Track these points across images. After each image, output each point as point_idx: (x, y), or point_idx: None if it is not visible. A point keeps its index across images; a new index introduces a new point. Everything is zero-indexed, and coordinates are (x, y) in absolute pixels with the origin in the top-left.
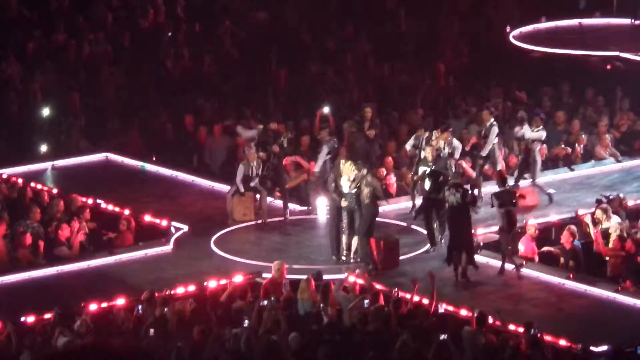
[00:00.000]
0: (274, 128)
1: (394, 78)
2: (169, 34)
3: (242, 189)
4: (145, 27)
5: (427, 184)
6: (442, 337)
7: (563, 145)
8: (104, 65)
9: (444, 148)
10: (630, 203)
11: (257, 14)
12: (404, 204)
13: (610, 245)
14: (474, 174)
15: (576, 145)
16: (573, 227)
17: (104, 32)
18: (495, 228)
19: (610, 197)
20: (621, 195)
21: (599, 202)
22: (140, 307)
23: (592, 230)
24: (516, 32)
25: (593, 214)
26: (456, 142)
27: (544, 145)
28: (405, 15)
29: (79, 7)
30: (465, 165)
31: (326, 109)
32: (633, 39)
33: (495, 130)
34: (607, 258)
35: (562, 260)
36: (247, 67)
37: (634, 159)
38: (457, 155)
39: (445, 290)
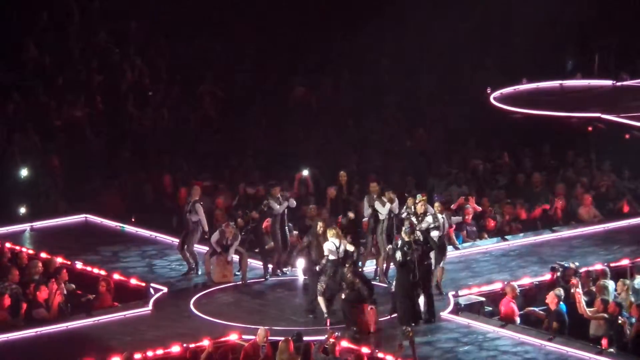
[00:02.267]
0: (252, 193)
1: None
2: (150, 93)
3: (217, 249)
4: (125, 88)
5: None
6: None
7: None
8: (83, 126)
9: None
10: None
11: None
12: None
13: (593, 307)
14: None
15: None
16: (559, 290)
17: (84, 93)
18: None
19: (565, 265)
20: (576, 263)
21: (553, 269)
22: None
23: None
24: (497, 93)
25: (580, 276)
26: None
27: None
28: (386, 69)
29: (58, 68)
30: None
31: (305, 172)
32: (614, 101)
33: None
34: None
35: (546, 322)
36: (226, 128)
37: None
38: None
39: (426, 352)
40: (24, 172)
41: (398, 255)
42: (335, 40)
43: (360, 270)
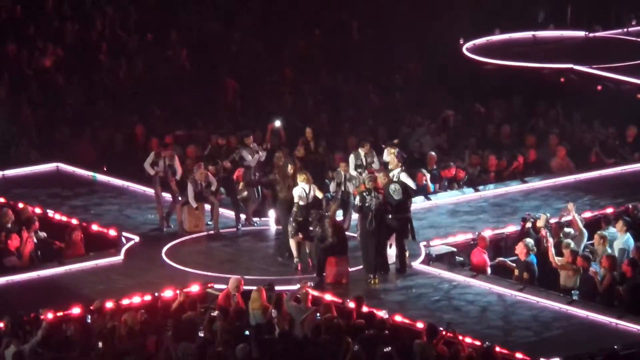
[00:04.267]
0: (223, 143)
1: (346, 90)
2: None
3: (194, 204)
4: (97, 37)
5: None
6: (387, 349)
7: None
8: (55, 75)
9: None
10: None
11: (210, 24)
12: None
13: (563, 258)
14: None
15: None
16: (529, 240)
17: (55, 42)
18: (449, 240)
19: (536, 215)
20: (547, 214)
21: (524, 220)
22: (89, 317)
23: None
24: (470, 44)
25: (550, 225)
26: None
27: None
28: (357, 27)
29: (30, 17)
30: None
31: (277, 123)
32: (586, 52)
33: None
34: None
35: (516, 272)
36: (198, 78)
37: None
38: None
39: (395, 301)
40: None
41: (356, 200)
42: None
43: (338, 220)
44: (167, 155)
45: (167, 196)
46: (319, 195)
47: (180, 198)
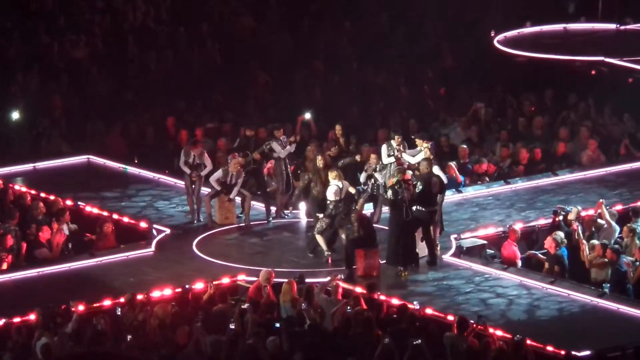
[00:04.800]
0: (251, 134)
1: (376, 82)
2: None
3: (216, 187)
4: (129, 29)
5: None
6: (416, 341)
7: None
8: (86, 67)
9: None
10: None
11: (241, 18)
12: None
13: (594, 253)
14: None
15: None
16: (558, 233)
17: (86, 33)
18: (480, 233)
19: (568, 208)
20: (579, 207)
21: (555, 213)
22: (120, 310)
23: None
24: (501, 36)
25: (582, 218)
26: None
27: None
28: (388, 18)
29: (61, 8)
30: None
31: (307, 115)
32: (618, 44)
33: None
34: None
35: (546, 265)
36: (229, 71)
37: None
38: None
39: (425, 294)
40: (15, 115)
41: (389, 193)
42: None
43: (365, 214)
44: (197, 153)
45: (204, 190)
46: (352, 191)
47: (200, 191)
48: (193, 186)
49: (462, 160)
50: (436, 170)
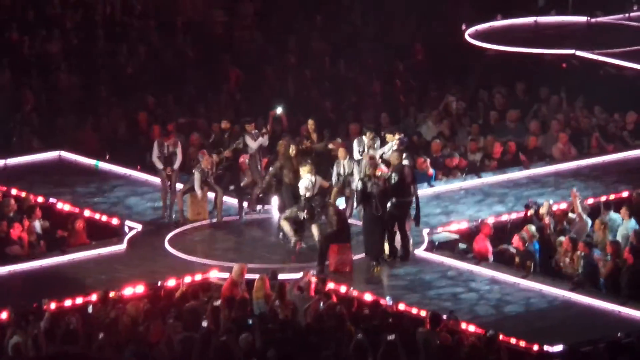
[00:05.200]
0: (225, 127)
1: (349, 77)
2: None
3: (200, 194)
4: (100, 24)
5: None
6: (390, 337)
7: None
8: (57, 62)
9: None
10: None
11: (213, 12)
12: None
13: (562, 247)
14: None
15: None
16: (530, 228)
17: (58, 28)
18: (452, 227)
19: (539, 202)
20: (550, 201)
21: (527, 207)
22: (91, 307)
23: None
24: (472, 30)
25: (553, 212)
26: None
27: None
28: (359, 12)
29: (32, 3)
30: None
31: (279, 110)
32: (589, 37)
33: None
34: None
35: (517, 260)
36: (201, 66)
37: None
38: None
39: (398, 289)
40: None
41: (358, 186)
42: None
43: (340, 209)
44: (170, 143)
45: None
46: (325, 184)
47: (176, 186)
48: (169, 182)
49: (434, 154)
50: (406, 163)
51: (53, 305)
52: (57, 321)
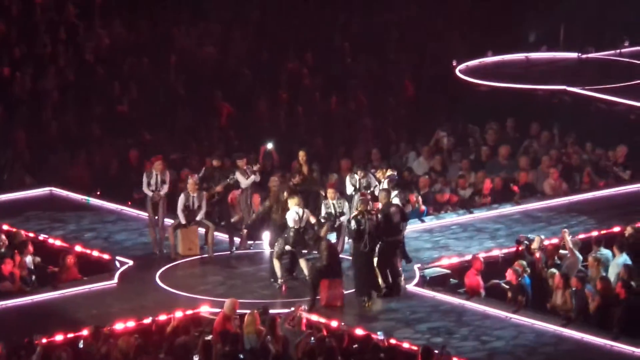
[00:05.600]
0: (217, 165)
1: (340, 112)
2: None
3: (182, 220)
4: (91, 60)
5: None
6: None
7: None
8: (49, 99)
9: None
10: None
11: (204, 49)
12: None
13: (553, 281)
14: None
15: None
16: (522, 263)
17: (50, 64)
18: (444, 262)
19: (530, 237)
20: (542, 236)
21: (518, 242)
22: (82, 342)
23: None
24: (462, 66)
25: (544, 247)
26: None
27: None
28: (351, 50)
29: (23, 39)
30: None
31: (270, 145)
32: (579, 73)
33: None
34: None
35: (509, 294)
36: (192, 102)
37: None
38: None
39: (389, 324)
40: None
41: (352, 224)
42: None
43: (332, 243)
44: (159, 170)
45: (168, 221)
46: (312, 220)
47: (164, 219)
48: (156, 217)
49: (423, 190)
50: (395, 200)
51: (44, 340)
52: (48, 356)
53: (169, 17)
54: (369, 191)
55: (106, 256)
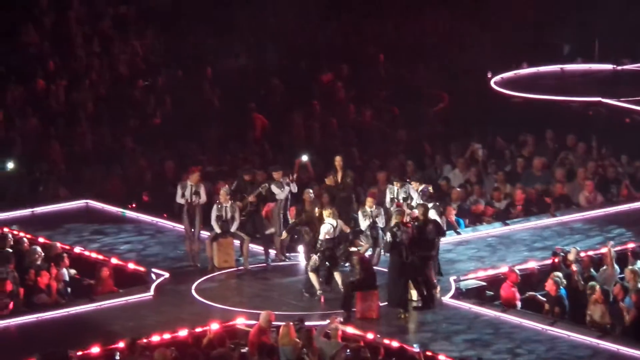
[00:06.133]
0: (248, 179)
1: (374, 124)
2: (146, 82)
3: (217, 229)
4: (126, 73)
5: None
6: None
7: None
8: (84, 111)
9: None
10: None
11: (237, 60)
12: None
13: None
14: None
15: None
16: (558, 274)
17: (84, 78)
18: (480, 274)
19: (567, 249)
20: (577, 248)
21: (554, 254)
22: (119, 355)
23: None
24: (497, 77)
25: (581, 259)
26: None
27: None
28: (385, 60)
29: (57, 52)
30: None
31: (305, 157)
32: (615, 85)
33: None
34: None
35: (546, 306)
36: (227, 114)
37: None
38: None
39: (426, 336)
40: (10, 165)
41: (388, 236)
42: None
43: (364, 256)
44: (194, 181)
45: (204, 234)
46: (346, 229)
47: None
48: (192, 229)
49: (455, 202)
50: (432, 214)
51: (79, 353)
52: None
53: (203, 29)
54: (405, 203)
55: (142, 268)
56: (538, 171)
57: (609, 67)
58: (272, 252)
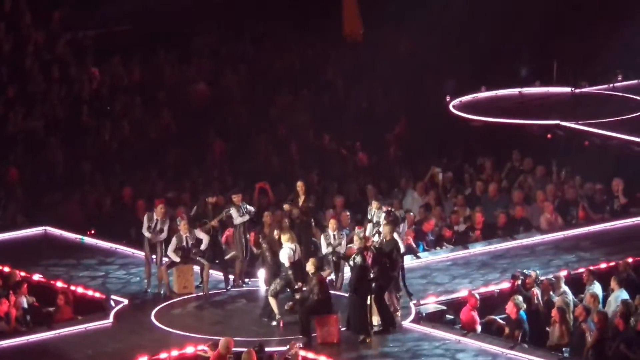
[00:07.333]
0: (212, 202)
1: (334, 149)
2: (108, 107)
3: (175, 259)
4: (84, 99)
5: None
6: None
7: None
8: (42, 137)
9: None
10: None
11: (196, 85)
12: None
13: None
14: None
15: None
16: (519, 298)
17: (42, 103)
18: (440, 298)
19: (526, 273)
20: (537, 271)
21: (514, 277)
22: None
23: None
24: (456, 101)
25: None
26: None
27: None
28: (343, 85)
29: (16, 79)
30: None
31: (264, 183)
32: (573, 108)
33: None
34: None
35: (507, 330)
36: (185, 139)
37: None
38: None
39: None
40: None
41: (357, 259)
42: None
43: (324, 278)
44: (160, 216)
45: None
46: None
47: (160, 259)
48: (153, 257)
49: (409, 227)
50: (395, 236)
51: None
52: None
53: (161, 55)
54: (376, 229)
55: (101, 295)
56: (493, 196)
57: (567, 89)
58: (232, 277)
